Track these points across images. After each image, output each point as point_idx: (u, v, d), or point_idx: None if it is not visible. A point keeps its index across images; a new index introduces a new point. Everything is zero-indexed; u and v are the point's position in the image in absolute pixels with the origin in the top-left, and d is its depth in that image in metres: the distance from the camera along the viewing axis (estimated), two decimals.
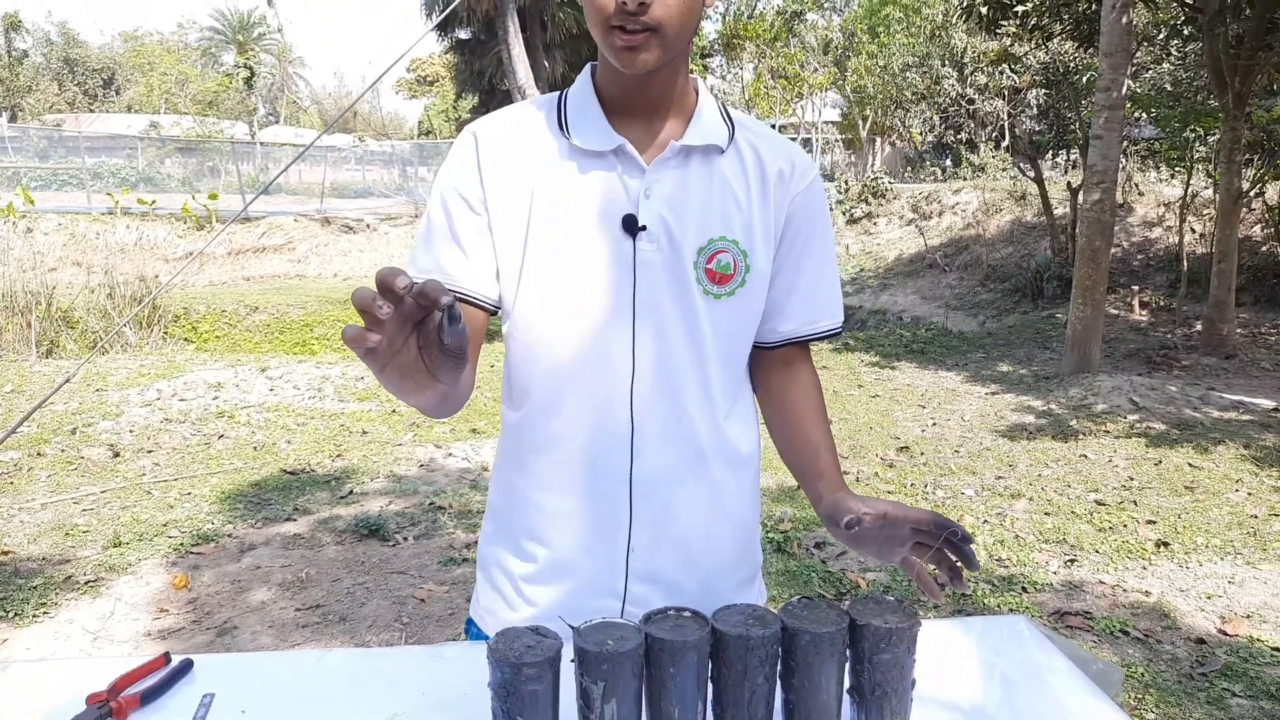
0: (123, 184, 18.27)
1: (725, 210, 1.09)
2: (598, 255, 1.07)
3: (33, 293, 9.00)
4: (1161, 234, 12.89)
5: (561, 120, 1.10)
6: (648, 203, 1.06)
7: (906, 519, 1.01)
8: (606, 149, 1.07)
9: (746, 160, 1.12)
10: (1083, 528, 4.09)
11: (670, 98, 1.09)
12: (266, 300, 12.78)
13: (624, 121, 1.08)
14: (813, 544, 3.91)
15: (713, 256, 1.09)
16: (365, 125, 49.41)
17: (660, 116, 1.09)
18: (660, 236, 1.07)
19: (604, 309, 1.08)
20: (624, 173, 1.07)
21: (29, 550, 3.81)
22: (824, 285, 1.19)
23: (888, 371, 8.12)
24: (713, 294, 1.10)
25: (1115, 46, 6.99)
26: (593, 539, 1.13)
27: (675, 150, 1.07)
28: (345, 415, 6.27)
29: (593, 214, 1.07)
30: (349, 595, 3.45)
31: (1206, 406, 6.35)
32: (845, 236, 18.03)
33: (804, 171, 1.16)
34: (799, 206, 1.15)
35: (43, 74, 48.39)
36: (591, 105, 1.09)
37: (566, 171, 1.08)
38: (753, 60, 31.43)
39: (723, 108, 1.15)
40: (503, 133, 1.10)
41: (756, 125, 1.17)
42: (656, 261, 1.07)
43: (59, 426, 5.68)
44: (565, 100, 1.12)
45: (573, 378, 1.10)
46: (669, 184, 1.07)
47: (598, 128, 1.08)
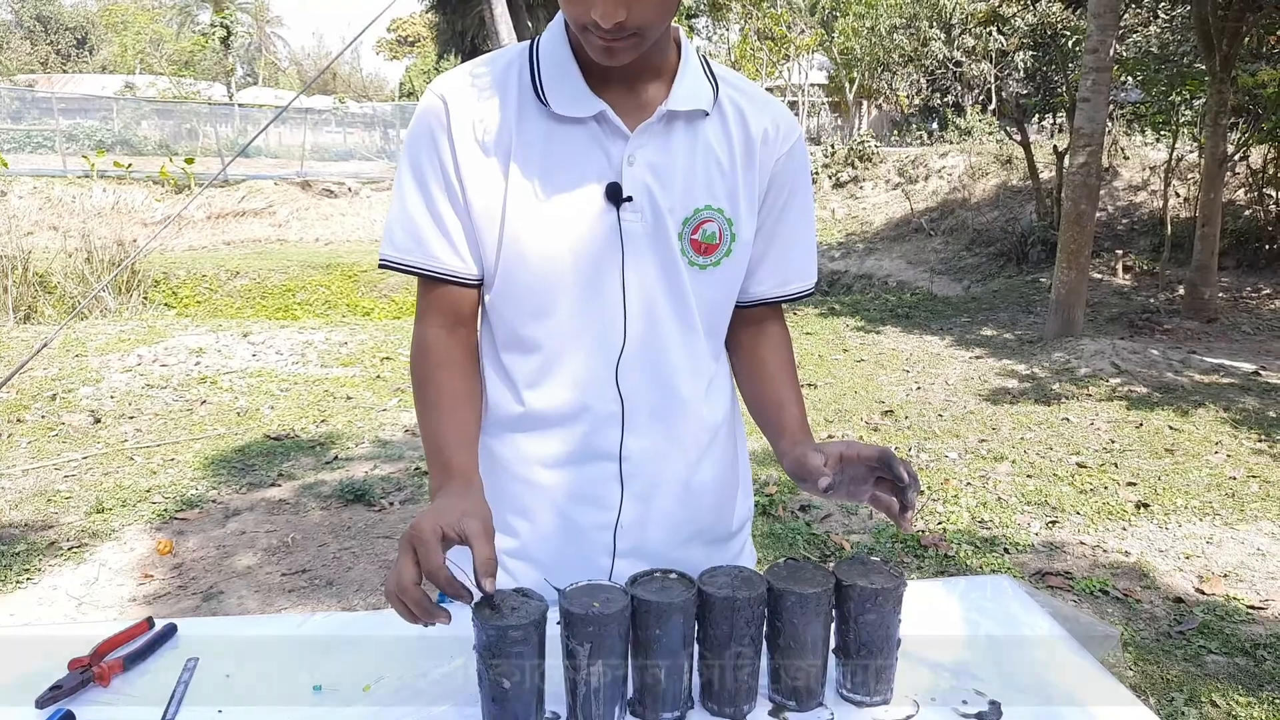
0: (98, 146, 17.93)
1: (710, 178, 1.06)
2: (582, 226, 1.03)
3: (9, 257, 8.87)
4: (1146, 198, 12.92)
5: (536, 82, 1.03)
6: (631, 170, 1.03)
7: (860, 457, 1.01)
8: (587, 115, 1.02)
9: (731, 123, 1.08)
10: (1064, 490, 4.13)
11: (651, 60, 1.04)
12: (247, 265, 12.65)
13: (603, 84, 1.03)
14: (798, 507, 3.93)
15: (698, 226, 1.06)
16: (345, 87, 48.66)
17: (642, 79, 1.05)
18: (645, 206, 1.04)
19: (593, 282, 1.05)
20: (606, 139, 1.03)
21: (10, 516, 3.78)
22: (800, 247, 1.17)
23: (873, 336, 8.14)
24: (698, 265, 1.07)
25: (1104, 7, 6.93)
26: (580, 517, 1.12)
27: (660, 116, 1.03)
28: (329, 380, 6.24)
29: (576, 184, 1.03)
30: (335, 560, 3.45)
31: (1188, 370, 6.40)
32: (831, 201, 17.98)
33: (788, 133, 1.12)
34: (781, 169, 1.12)
35: (13, 32, 47.27)
36: (568, 66, 1.03)
37: (546, 139, 1.03)
38: (739, 21, 31.05)
39: (705, 63, 1.11)
40: (474, 96, 1.04)
41: (740, 81, 1.13)
42: (641, 232, 1.04)
43: (39, 392, 5.63)
44: (538, 56, 1.05)
45: (559, 356, 1.07)
46: (653, 151, 1.04)
47: (577, 92, 1.02)
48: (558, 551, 1.13)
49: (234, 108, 24.46)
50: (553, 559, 1.13)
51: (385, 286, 12.42)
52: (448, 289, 1.08)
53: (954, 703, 0.97)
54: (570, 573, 1.05)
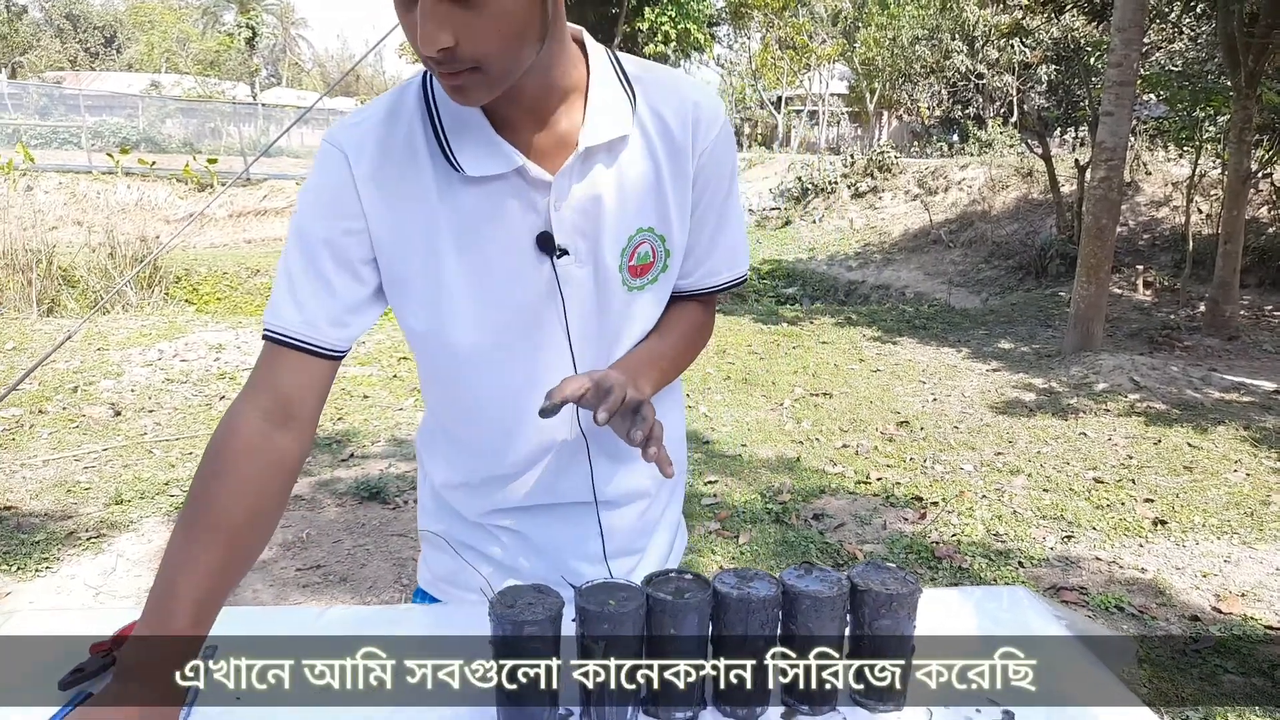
0: (123, 143, 18.15)
1: (640, 200, 1.01)
2: (518, 282, 1.00)
3: (33, 251, 8.96)
4: (1168, 214, 12.82)
5: (442, 142, 0.94)
6: (558, 215, 0.97)
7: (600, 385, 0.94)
8: (505, 171, 0.94)
9: (653, 135, 1.01)
10: (1080, 505, 4.10)
11: (554, 88, 0.95)
12: (268, 263, 12.73)
13: (512, 127, 0.95)
14: (811, 515, 3.92)
15: (633, 251, 1.03)
16: (368, 89, 48.96)
17: (550, 109, 0.96)
18: (580, 248, 1.00)
19: (537, 334, 1.03)
20: (528, 189, 0.96)
21: (31, 506, 3.83)
22: (728, 236, 1.12)
23: (889, 347, 8.12)
24: (636, 287, 1.05)
25: (1128, 21, 6.90)
26: (564, 556, 1.16)
27: (579, 156, 0.96)
28: (346, 379, 6.28)
29: (505, 241, 0.98)
30: (350, 556, 3.47)
31: (1208, 387, 6.35)
32: (850, 211, 17.95)
33: (710, 122, 1.04)
34: (707, 161, 1.05)
35: (43, 30, 47.91)
36: (470, 117, 0.94)
37: (465, 201, 0.96)
38: (760, 30, 31.10)
39: (618, 69, 1.01)
40: (380, 160, 0.95)
41: (654, 75, 1.03)
42: (579, 274, 1.01)
43: (60, 384, 5.69)
44: (437, 109, 0.96)
45: (516, 408, 1.06)
46: (579, 191, 0.98)
47: (487, 147, 0.94)
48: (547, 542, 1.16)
49: (257, 108, 24.70)
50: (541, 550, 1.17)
51: None
52: (301, 357, 0.96)
53: (967, 711, 0.97)
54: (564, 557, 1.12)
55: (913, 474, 4.55)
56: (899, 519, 3.92)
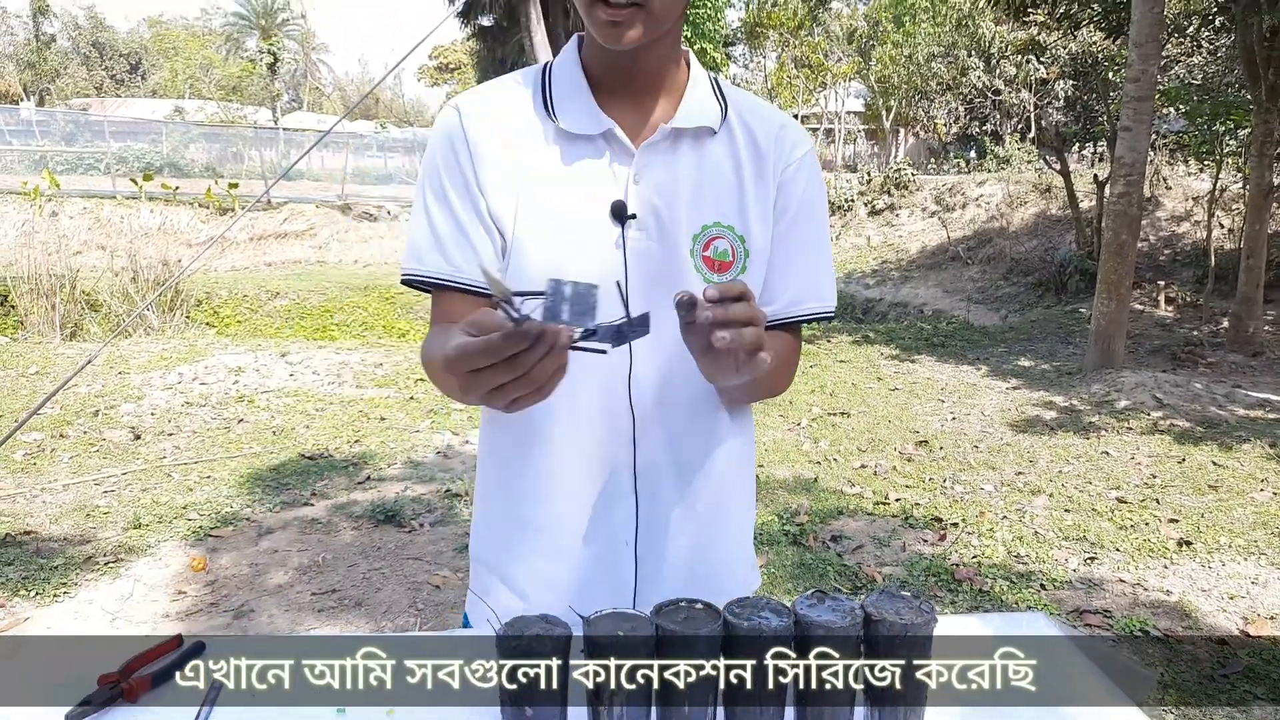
0: (147, 168, 18.41)
1: (719, 194, 1.06)
2: (586, 243, 1.04)
3: (57, 275, 9.10)
4: (1189, 229, 12.71)
5: (547, 99, 1.05)
6: (637, 188, 1.03)
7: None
8: (594, 132, 1.03)
9: (739, 139, 1.08)
10: (1103, 525, 4.04)
11: (660, 77, 1.06)
12: (287, 286, 12.86)
13: (612, 102, 1.05)
14: (829, 537, 3.88)
15: (709, 243, 1.06)
16: (387, 112, 49.58)
17: (650, 96, 1.06)
18: (650, 224, 1.04)
19: None
20: (613, 157, 1.04)
21: (50, 530, 3.85)
22: (812, 265, 1.14)
23: (908, 365, 8.06)
24: (714, 282, 1.05)
25: (1146, 36, 6.87)
26: (599, 534, 1.12)
27: (665, 133, 1.04)
28: (364, 401, 6.30)
29: (581, 200, 1.03)
30: (365, 580, 3.47)
31: (1232, 404, 6.25)
32: (867, 228, 17.91)
33: (795, 143, 1.11)
34: (790, 178, 1.10)
35: (70, 58, 48.85)
36: (578, 83, 1.05)
37: (553, 156, 1.04)
38: (776, 49, 31.24)
39: (715, 84, 1.11)
40: (488, 111, 1.06)
41: (751, 100, 1.13)
42: (647, 250, 1.04)
43: (82, 408, 5.75)
44: (550, 76, 1.08)
45: (569, 379, 1.07)
46: (659, 168, 1.04)
47: (585, 109, 1.04)
48: (579, 568, 1.13)
49: (278, 132, 25.03)
50: (575, 575, 1.13)
51: (422, 309, 12.56)
52: (466, 299, 1.06)
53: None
54: (592, 588, 1.08)
55: (932, 494, 4.50)
56: (918, 540, 3.88)
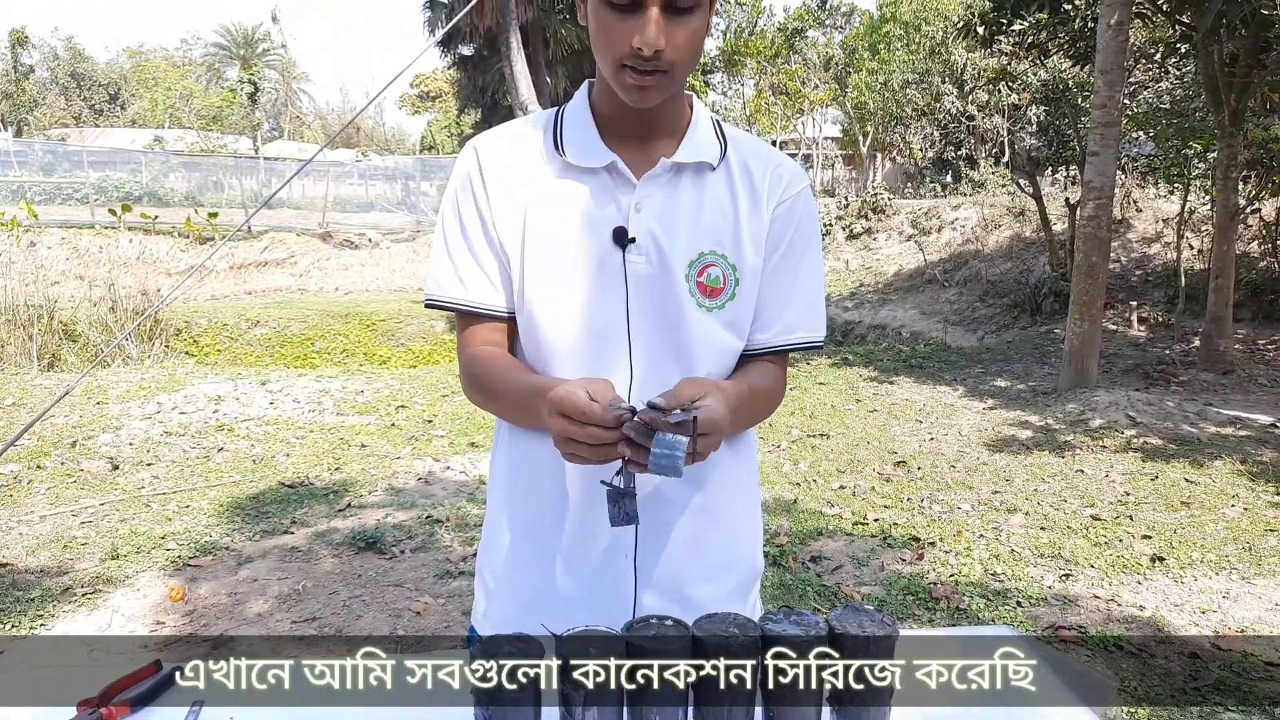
0: (126, 198, 18.34)
1: (715, 225, 1.13)
2: (590, 268, 1.10)
3: (35, 306, 9.04)
4: (1160, 250, 12.93)
5: (557, 138, 1.14)
6: (638, 216, 1.10)
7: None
8: (599, 165, 1.11)
9: (736, 175, 1.16)
10: (1078, 542, 4.10)
11: (666, 118, 1.14)
12: (268, 314, 12.82)
13: (618, 139, 1.13)
14: (808, 558, 3.91)
15: (703, 270, 1.12)
16: (368, 140, 49.63)
17: (654, 135, 1.14)
18: (650, 249, 1.10)
19: (599, 321, 1.11)
20: (615, 188, 1.11)
21: (27, 562, 3.82)
22: (805, 296, 1.20)
23: (886, 386, 8.14)
24: (705, 306, 1.13)
25: (1111, 64, 7.04)
26: (601, 552, 1.16)
27: (666, 167, 1.11)
28: (344, 429, 6.29)
29: (584, 228, 1.10)
30: (345, 608, 3.46)
31: (1204, 422, 6.36)
32: (845, 252, 18.08)
33: (791, 181, 1.19)
34: (784, 213, 1.17)
35: (49, 89, 48.68)
36: (587, 123, 1.14)
37: (560, 187, 1.12)
38: (754, 77, 31.62)
39: (717, 125, 1.19)
40: (502, 149, 1.15)
41: (751, 141, 1.20)
42: (647, 274, 1.10)
43: (59, 439, 5.70)
44: (562, 118, 1.16)
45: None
46: (659, 199, 1.11)
47: (591, 145, 1.12)
48: (580, 583, 1.16)
49: (259, 161, 25.01)
50: (575, 590, 1.16)
51: (403, 335, 12.55)
52: (485, 323, 1.17)
53: None
54: (594, 605, 1.12)
55: (910, 514, 4.54)
56: (896, 560, 3.91)
